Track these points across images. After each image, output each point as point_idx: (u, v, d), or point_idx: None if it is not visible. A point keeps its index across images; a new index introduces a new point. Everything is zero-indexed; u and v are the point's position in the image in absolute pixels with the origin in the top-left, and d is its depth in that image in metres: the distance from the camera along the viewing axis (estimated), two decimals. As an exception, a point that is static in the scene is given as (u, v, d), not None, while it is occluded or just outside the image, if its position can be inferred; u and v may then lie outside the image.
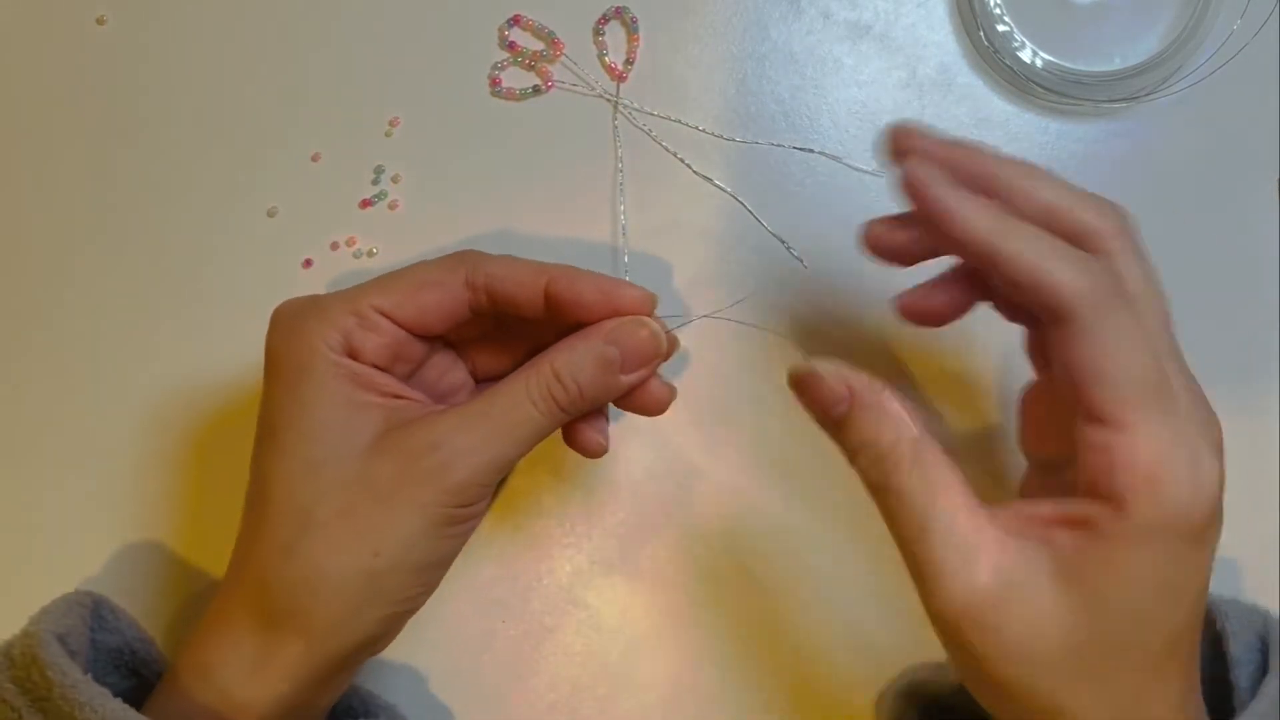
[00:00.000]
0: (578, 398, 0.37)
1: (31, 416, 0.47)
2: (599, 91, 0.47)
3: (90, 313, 0.47)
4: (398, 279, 0.38)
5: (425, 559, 0.36)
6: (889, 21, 0.47)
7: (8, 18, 0.48)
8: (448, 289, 0.38)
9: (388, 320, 0.37)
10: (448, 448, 0.35)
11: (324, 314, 0.37)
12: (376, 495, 0.35)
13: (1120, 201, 0.47)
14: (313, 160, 0.47)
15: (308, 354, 0.36)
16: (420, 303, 0.37)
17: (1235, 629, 0.38)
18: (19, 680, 0.35)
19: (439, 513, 0.35)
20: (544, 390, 0.36)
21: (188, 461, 0.47)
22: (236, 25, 0.48)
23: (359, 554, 0.35)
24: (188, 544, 0.46)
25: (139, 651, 0.40)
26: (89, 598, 0.40)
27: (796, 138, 0.47)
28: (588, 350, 0.37)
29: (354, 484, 0.35)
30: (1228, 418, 0.46)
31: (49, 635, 0.35)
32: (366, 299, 0.37)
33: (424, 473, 0.35)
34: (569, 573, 0.46)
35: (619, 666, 0.46)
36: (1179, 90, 0.46)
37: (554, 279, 0.37)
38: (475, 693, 0.46)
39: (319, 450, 0.35)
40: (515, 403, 0.36)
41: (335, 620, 0.35)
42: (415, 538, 0.35)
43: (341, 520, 0.35)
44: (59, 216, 0.48)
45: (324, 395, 0.36)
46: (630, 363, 0.37)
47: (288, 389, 0.36)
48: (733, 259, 0.47)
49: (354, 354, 0.37)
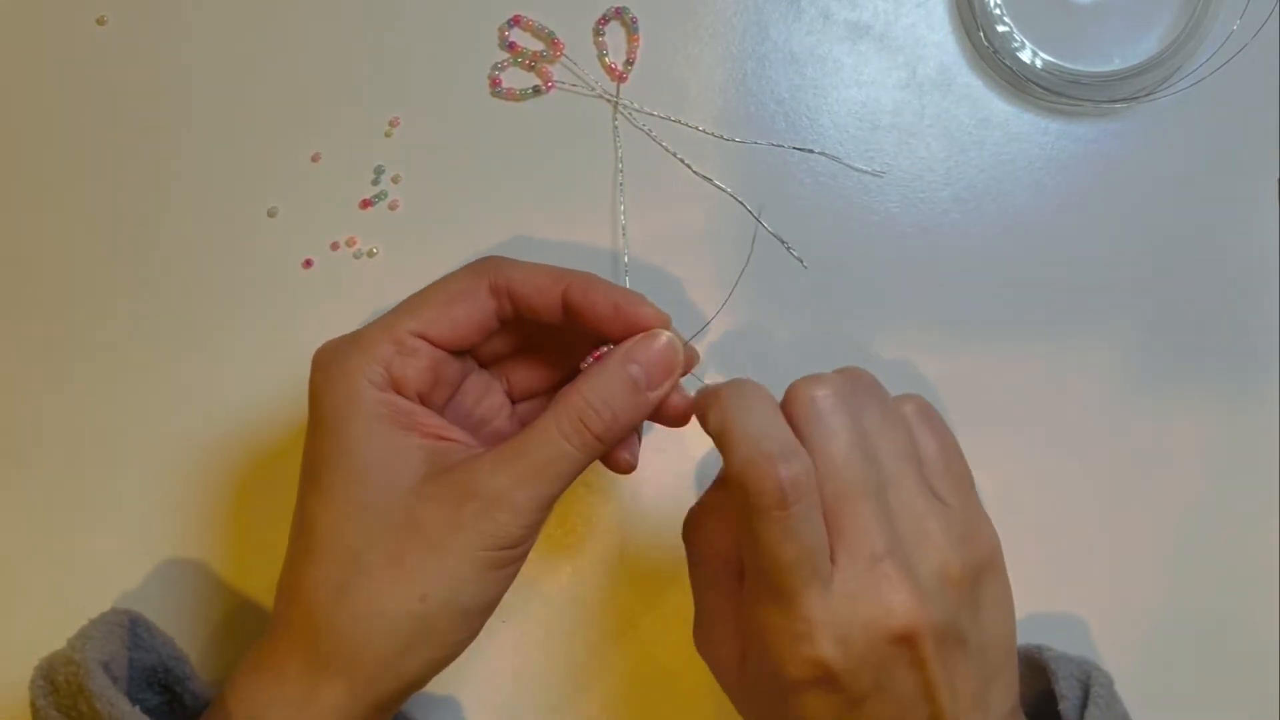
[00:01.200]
0: (612, 423, 0.36)
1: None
2: (599, 92, 0.47)
3: (93, 319, 0.47)
4: (427, 297, 0.38)
5: (472, 603, 0.36)
6: (889, 21, 0.47)
7: (8, 18, 0.48)
8: (475, 299, 0.38)
9: (425, 342, 0.37)
10: (487, 494, 0.35)
11: (363, 349, 0.37)
12: (423, 541, 0.35)
13: (1119, 201, 0.47)
14: (313, 160, 0.47)
15: (350, 397, 0.36)
16: (453, 317, 0.38)
17: (1060, 673, 0.40)
18: (65, 709, 0.35)
19: (485, 556, 0.35)
20: (576, 424, 0.36)
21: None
22: (236, 25, 0.48)
23: (407, 598, 0.35)
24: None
25: (173, 669, 0.40)
26: (126, 616, 0.40)
27: (796, 138, 0.47)
28: (612, 374, 0.37)
29: (400, 528, 0.35)
30: (1228, 417, 0.46)
31: (95, 664, 0.36)
32: (401, 324, 0.37)
33: (466, 519, 0.35)
34: (569, 573, 0.46)
35: (619, 666, 0.46)
36: (1179, 90, 0.46)
37: (570, 286, 0.37)
38: (476, 693, 0.46)
39: (364, 494, 0.36)
40: (548, 440, 0.36)
41: (382, 663, 0.35)
42: (462, 582, 0.35)
43: (389, 565, 0.35)
44: (58, 216, 0.48)
45: (367, 438, 0.36)
46: (654, 378, 0.37)
47: (331, 432, 0.36)
48: (733, 259, 0.47)
49: (397, 385, 0.37)
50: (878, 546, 0.33)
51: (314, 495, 0.36)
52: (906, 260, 0.47)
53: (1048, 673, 0.40)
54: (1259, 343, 0.46)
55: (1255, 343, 0.46)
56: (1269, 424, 0.46)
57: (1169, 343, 0.46)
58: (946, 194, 0.47)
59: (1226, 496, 0.46)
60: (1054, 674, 0.40)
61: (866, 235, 0.47)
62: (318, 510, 0.36)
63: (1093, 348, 0.46)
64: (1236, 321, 0.46)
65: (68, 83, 0.48)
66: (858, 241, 0.47)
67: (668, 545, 0.46)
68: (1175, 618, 0.45)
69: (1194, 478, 0.46)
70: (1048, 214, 0.47)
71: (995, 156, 0.47)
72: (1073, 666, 0.40)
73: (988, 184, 0.47)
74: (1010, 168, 0.47)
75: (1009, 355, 0.46)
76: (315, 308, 0.47)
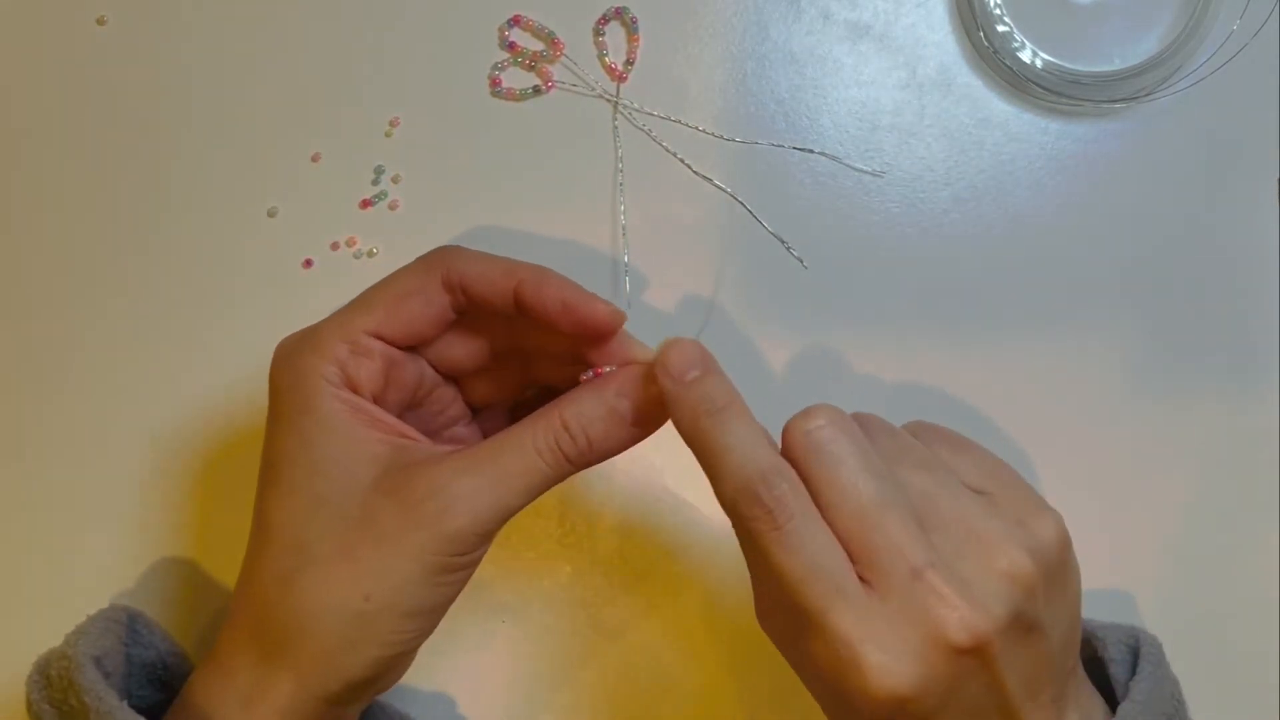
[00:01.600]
0: (586, 450, 0.36)
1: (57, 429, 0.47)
2: (599, 92, 0.47)
3: (93, 318, 0.47)
4: (378, 294, 0.37)
5: (417, 605, 0.36)
6: (889, 21, 0.47)
7: (8, 18, 0.48)
8: (429, 295, 0.37)
9: (379, 341, 0.37)
10: (448, 494, 0.35)
11: (318, 347, 0.37)
12: (375, 536, 0.35)
13: (1119, 201, 0.47)
14: (313, 160, 0.47)
15: (309, 390, 0.36)
16: (406, 314, 0.37)
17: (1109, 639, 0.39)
18: (56, 702, 0.35)
19: (434, 560, 0.35)
20: (551, 442, 0.36)
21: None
22: (236, 25, 0.48)
23: (351, 595, 0.35)
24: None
25: (171, 665, 0.40)
26: (124, 613, 0.40)
27: (796, 138, 0.47)
28: (599, 403, 0.36)
29: (354, 523, 0.35)
30: (1228, 417, 0.46)
31: (86, 659, 0.36)
32: (354, 323, 0.37)
33: (423, 517, 0.35)
34: (569, 573, 0.46)
35: (620, 666, 0.46)
36: (1179, 90, 0.46)
37: (523, 282, 0.37)
38: (476, 693, 0.46)
39: (321, 486, 0.35)
40: (521, 452, 0.36)
41: (323, 657, 0.35)
42: (408, 584, 0.35)
43: (338, 558, 0.35)
44: (58, 216, 0.48)
45: (326, 432, 0.36)
46: (642, 417, 0.37)
47: (290, 426, 0.36)
48: (733, 259, 0.47)
49: (352, 385, 0.37)
50: (916, 560, 0.32)
51: (271, 490, 0.36)
52: (906, 260, 0.47)
53: (1093, 642, 0.39)
54: (1259, 343, 0.46)
55: (1255, 343, 0.46)
56: (1269, 424, 0.46)
57: (1169, 342, 0.46)
58: (946, 194, 0.47)
59: (1226, 496, 0.46)
60: (1101, 641, 0.39)
61: (866, 235, 0.47)
62: (273, 504, 0.36)
63: (1093, 348, 0.46)
64: (1236, 321, 0.46)
65: (68, 83, 0.48)
66: (858, 241, 0.47)
67: (668, 545, 0.46)
68: (1175, 618, 0.45)
69: (1194, 478, 0.46)
70: (1048, 214, 0.47)
71: (995, 156, 0.47)
72: (1120, 633, 0.39)
73: (988, 184, 0.47)
74: (1010, 168, 0.47)
75: (1009, 355, 0.46)
76: (315, 308, 0.47)
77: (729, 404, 0.35)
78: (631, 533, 0.46)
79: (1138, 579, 0.46)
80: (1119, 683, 0.38)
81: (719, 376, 0.36)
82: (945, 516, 0.34)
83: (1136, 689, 0.37)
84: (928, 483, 0.34)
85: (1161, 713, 0.36)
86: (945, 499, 0.34)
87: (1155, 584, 0.46)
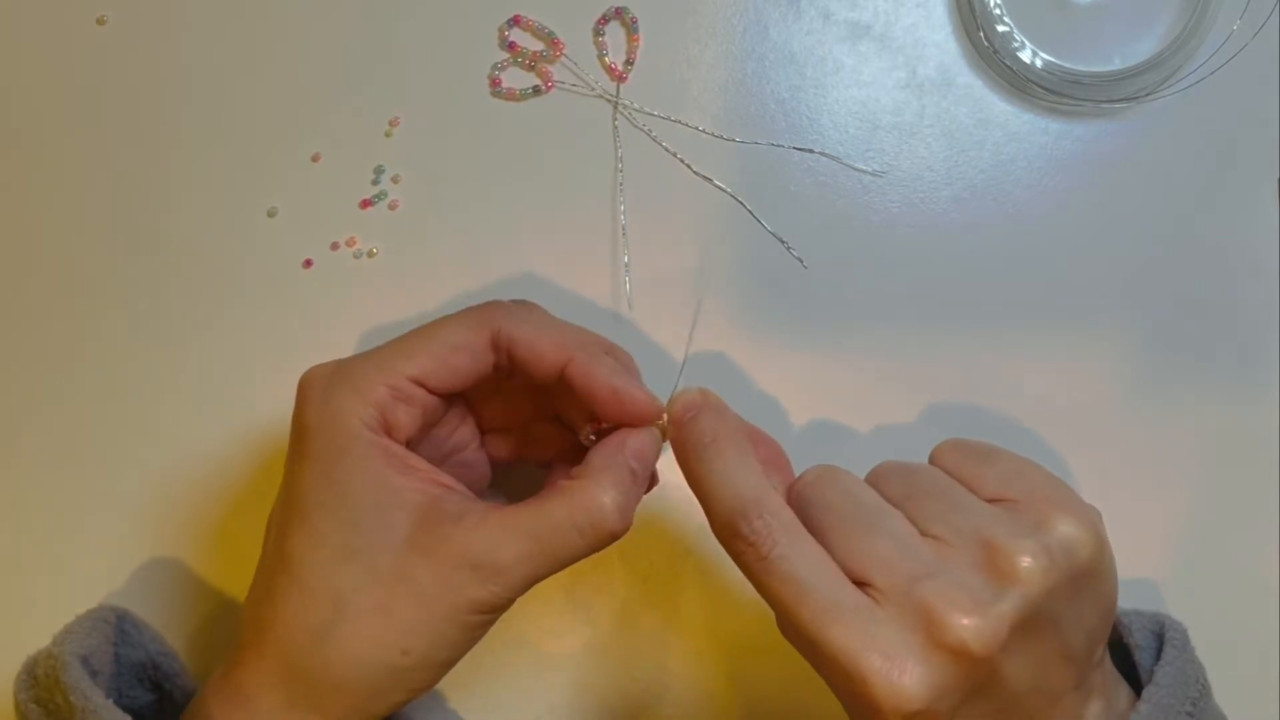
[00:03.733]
0: (625, 523, 0.37)
1: (52, 430, 0.47)
2: (599, 92, 0.47)
3: (91, 317, 0.47)
4: (426, 342, 0.37)
5: (449, 657, 0.36)
6: (889, 21, 0.47)
7: (8, 18, 0.48)
8: (476, 352, 0.37)
9: (421, 389, 0.37)
10: (490, 565, 0.35)
11: (357, 387, 0.36)
12: (414, 598, 0.35)
13: (1119, 201, 0.47)
14: (313, 160, 0.47)
15: (344, 435, 0.36)
16: (452, 368, 0.37)
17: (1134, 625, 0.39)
18: (42, 701, 0.35)
19: (470, 619, 0.36)
20: (595, 522, 0.36)
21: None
22: (236, 25, 0.48)
23: (390, 650, 0.35)
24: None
25: (162, 665, 0.40)
26: (113, 613, 0.40)
27: (796, 138, 0.47)
28: (624, 470, 0.37)
29: (390, 580, 0.35)
30: (1228, 417, 0.46)
31: (72, 657, 0.35)
32: (398, 368, 0.37)
33: (462, 584, 0.35)
34: (569, 573, 0.46)
35: (619, 666, 0.46)
36: (1179, 90, 0.46)
37: (573, 362, 0.37)
38: (476, 692, 0.46)
39: (355, 539, 0.35)
40: (562, 531, 0.36)
41: (353, 705, 0.36)
42: (444, 639, 0.36)
43: (376, 615, 0.35)
44: (58, 216, 0.48)
45: (361, 481, 0.35)
46: (645, 473, 0.38)
47: (323, 470, 0.36)
48: (733, 259, 0.47)
49: (389, 429, 0.37)
50: (915, 570, 0.33)
51: (300, 533, 0.36)
52: (906, 260, 0.47)
53: (1118, 628, 0.40)
54: (1259, 343, 0.46)
55: (1255, 343, 0.46)
56: (1269, 424, 0.46)
57: (1169, 342, 0.46)
58: (946, 194, 0.47)
59: (1226, 496, 0.46)
60: (1126, 627, 0.39)
61: (866, 235, 0.47)
62: (303, 549, 0.36)
63: (1092, 347, 0.46)
64: (1236, 322, 0.46)
65: (68, 83, 0.48)
66: (858, 241, 0.47)
67: (668, 546, 0.46)
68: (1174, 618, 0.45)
69: (1194, 478, 0.46)
70: (1048, 214, 0.47)
71: (995, 156, 0.47)
72: (1144, 619, 0.40)
73: (988, 184, 0.47)
74: (1010, 168, 0.47)
75: (1008, 355, 0.46)
76: (315, 308, 0.47)
77: (715, 439, 0.36)
78: (631, 533, 0.46)
79: (1136, 579, 0.46)
80: (1143, 668, 0.38)
81: (712, 413, 0.37)
82: (958, 531, 0.34)
83: (1161, 673, 0.37)
84: (939, 506, 0.35)
85: (1186, 697, 0.36)
86: (957, 516, 0.35)
87: (1154, 584, 0.46)
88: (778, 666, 0.45)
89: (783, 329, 0.47)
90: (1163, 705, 0.36)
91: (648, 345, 0.46)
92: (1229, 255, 0.47)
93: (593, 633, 0.46)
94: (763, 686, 0.45)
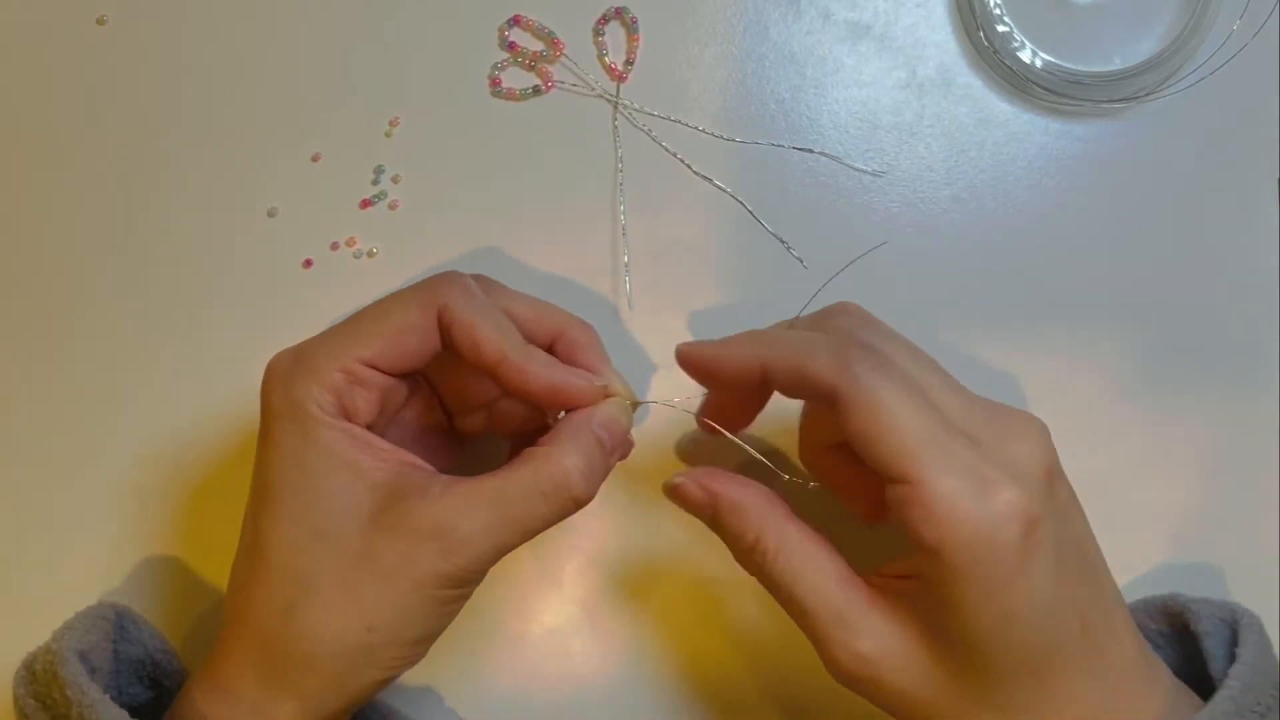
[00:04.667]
0: (593, 488, 0.37)
1: (52, 427, 0.47)
2: (599, 91, 0.47)
3: (92, 316, 0.47)
4: (375, 325, 0.38)
5: (418, 633, 0.37)
6: (889, 21, 0.47)
7: (8, 18, 0.48)
8: (425, 333, 0.38)
9: (375, 371, 0.37)
10: (453, 535, 0.35)
11: (314, 373, 0.37)
12: (377, 573, 0.35)
13: (1119, 201, 0.47)
14: (313, 160, 0.48)
15: (306, 420, 0.36)
16: (403, 348, 0.37)
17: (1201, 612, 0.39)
18: (40, 696, 0.35)
19: (436, 593, 0.36)
20: (560, 487, 0.36)
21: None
22: (236, 25, 0.48)
23: (355, 627, 0.35)
24: (205, 560, 0.46)
25: (161, 662, 0.40)
26: (112, 610, 0.40)
27: (796, 138, 0.47)
28: (590, 439, 0.37)
29: (355, 557, 0.36)
30: (1228, 417, 0.46)
31: (70, 653, 0.36)
32: (352, 353, 0.37)
33: (425, 556, 0.35)
34: (569, 573, 0.46)
35: (619, 666, 0.46)
36: (1179, 90, 0.46)
37: (505, 364, 0.37)
38: (475, 692, 0.46)
39: (321, 519, 0.36)
40: (525, 496, 0.36)
41: (327, 684, 0.36)
42: (410, 615, 0.36)
43: (341, 592, 0.35)
44: (57, 216, 0.48)
45: (326, 465, 0.36)
46: (614, 444, 0.38)
47: (289, 453, 0.36)
48: (733, 259, 0.47)
49: (348, 413, 0.37)
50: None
51: (267, 516, 0.36)
52: (906, 260, 0.47)
53: (1185, 615, 0.39)
54: (1259, 343, 0.46)
55: (1255, 343, 0.46)
56: (1269, 424, 0.46)
57: (1169, 343, 0.46)
58: (946, 194, 0.47)
59: (1226, 496, 0.46)
60: (1194, 614, 0.39)
61: (866, 235, 0.47)
62: (270, 531, 0.36)
63: (1092, 347, 0.46)
64: (1236, 322, 0.46)
65: (68, 83, 0.48)
66: (858, 241, 0.47)
67: (667, 545, 0.46)
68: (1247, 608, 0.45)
69: (1194, 478, 0.46)
70: (1047, 214, 0.47)
71: (995, 156, 0.47)
72: (1214, 607, 0.39)
73: (988, 184, 0.47)
74: (1010, 168, 0.47)
75: (1008, 354, 0.46)
76: (315, 308, 0.47)
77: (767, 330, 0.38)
78: (631, 533, 0.46)
79: (1136, 579, 0.46)
80: (1212, 656, 0.37)
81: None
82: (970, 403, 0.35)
83: (1245, 653, 0.36)
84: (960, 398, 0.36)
85: (1270, 690, 0.35)
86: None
87: (1153, 585, 0.46)
88: (781, 662, 0.45)
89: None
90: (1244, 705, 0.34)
91: (647, 345, 0.47)
92: (1229, 255, 0.47)
93: (593, 631, 0.46)
94: (765, 685, 0.45)
